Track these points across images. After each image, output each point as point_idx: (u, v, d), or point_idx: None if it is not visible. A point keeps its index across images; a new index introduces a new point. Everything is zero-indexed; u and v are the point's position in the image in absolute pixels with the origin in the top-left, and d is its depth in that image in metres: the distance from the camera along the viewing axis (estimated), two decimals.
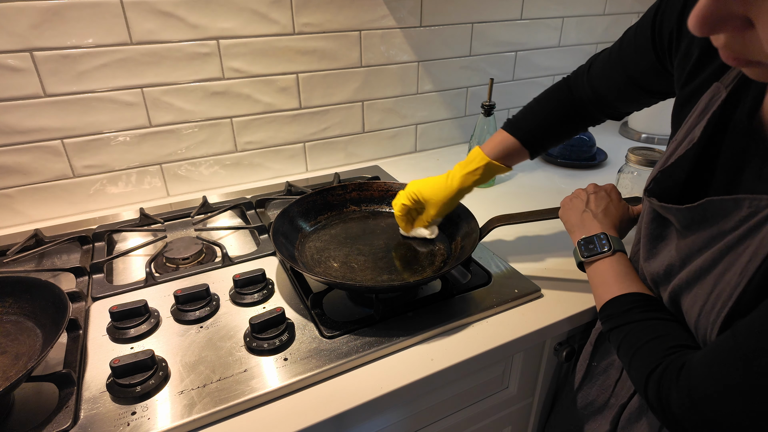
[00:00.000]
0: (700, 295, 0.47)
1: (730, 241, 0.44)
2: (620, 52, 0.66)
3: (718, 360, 0.41)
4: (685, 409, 0.43)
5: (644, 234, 0.57)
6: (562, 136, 0.78)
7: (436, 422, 0.74)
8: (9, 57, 0.83)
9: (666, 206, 0.51)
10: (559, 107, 0.75)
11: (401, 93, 1.22)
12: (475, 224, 0.78)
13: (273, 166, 1.15)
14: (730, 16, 0.27)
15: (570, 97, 0.75)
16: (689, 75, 0.53)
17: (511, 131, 0.76)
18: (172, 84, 0.97)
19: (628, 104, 0.71)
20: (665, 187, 0.54)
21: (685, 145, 0.50)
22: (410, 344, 0.65)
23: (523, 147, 0.76)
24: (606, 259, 0.62)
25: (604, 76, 0.70)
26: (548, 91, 0.78)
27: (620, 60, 0.66)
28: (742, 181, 0.46)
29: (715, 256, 0.45)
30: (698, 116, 0.50)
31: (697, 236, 0.48)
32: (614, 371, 0.65)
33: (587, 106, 0.74)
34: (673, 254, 0.52)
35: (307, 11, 1.03)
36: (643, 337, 0.51)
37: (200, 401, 0.56)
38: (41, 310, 0.64)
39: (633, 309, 0.55)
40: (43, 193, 0.96)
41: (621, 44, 0.67)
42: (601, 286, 0.61)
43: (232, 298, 0.73)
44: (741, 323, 0.40)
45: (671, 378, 0.45)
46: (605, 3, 1.40)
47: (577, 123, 0.77)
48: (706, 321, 0.46)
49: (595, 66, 0.71)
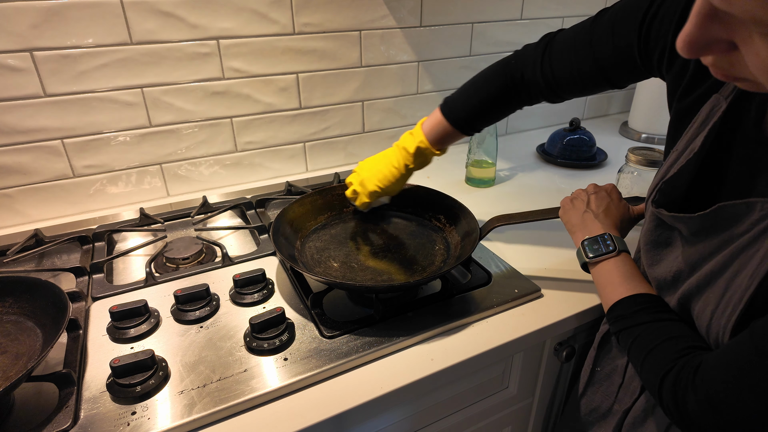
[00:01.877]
0: (711, 299, 0.47)
1: (741, 244, 0.44)
2: (592, 41, 0.63)
3: (736, 360, 0.41)
4: (702, 410, 0.43)
5: (647, 241, 0.57)
6: (497, 117, 0.79)
7: (436, 422, 0.74)
8: (9, 57, 0.83)
9: (677, 216, 0.51)
10: (498, 91, 0.74)
11: (401, 93, 1.22)
12: (475, 224, 0.78)
13: (273, 166, 1.15)
14: (715, 41, 0.28)
15: (513, 80, 0.72)
16: (687, 88, 0.53)
17: (446, 114, 0.77)
18: (172, 84, 0.97)
19: (584, 91, 0.69)
20: (669, 197, 0.54)
21: (687, 155, 0.51)
22: (410, 344, 0.65)
23: (456, 130, 0.77)
24: (611, 260, 0.62)
25: (567, 61, 0.66)
26: (487, 73, 0.76)
27: (591, 50, 0.63)
28: (755, 186, 0.46)
29: (725, 260, 0.45)
30: (698, 127, 0.51)
31: (707, 242, 0.48)
32: (617, 376, 0.65)
33: (531, 87, 0.72)
34: (680, 260, 0.52)
35: (307, 11, 1.03)
36: (655, 339, 0.51)
37: (200, 401, 0.56)
38: (41, 310, 0.64)
39: (643, 310, 0.54)
40: (43, 193, 0.96)
41: (592, 32, 0.63)
42: (607, 286, 0.61)
43: (232, 298, 0.73)
44: (758, 323, 0.40)
45: (687, 379, 0.45)
46: (605, 3, 1.40)
47: (513, 105, 0.76)
48: (717, 325, 0.46)
49: (556, 48, 0.68)
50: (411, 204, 0.90)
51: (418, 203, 0.89)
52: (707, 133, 0.49)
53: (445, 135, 0.78)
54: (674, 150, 0.54)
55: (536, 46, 0.71)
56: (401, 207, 0.90)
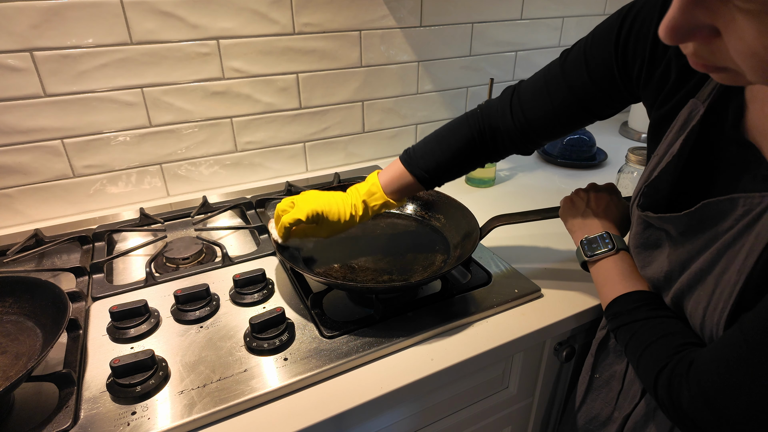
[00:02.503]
0: (702, 297, 0.47)
1: (727, 240, 0.45)
2: (565, 74, 0.61)
3: (727, 354, 0.41)
4: (696, 405, 0.43)
5: (636, 244, 0.58)
6: (463, 172, 0.73)
7: (436, 422, 0.74)
8: (9, 57, 0.83)
9: (663, 216, 0.51)
10: (465, 145, 0.69)
11: (401, 93, 1.22)
12: (475, 224, 0.78)
13: (273, 166, 1.15)
14: (698, 26, 0.28)
15: (480, 131, 0.68)
16: (665, 96, 0.53)
17: (409, 167, 0.70)
18: (172, 84, 0.97)
19: (561, 128, 0.65)
20: (653, 200, 0.55)
21: (667, 158, 0.52)
22: (410, 344, 0.65)
23: (419, 183, 0.71)
24: (610, 258, 0.62)
25: (540, 100, 0.63)
26: (452, 125, 0.71)
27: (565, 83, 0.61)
28: (738, 185, 0.47)
29: (713, 257, 0.46)
30: (677, 131, 0.51)
31: (695, 241, 0.49)
32: (616, 383, 0.65)
33: (499, 137, 0.68)
34: (671, 260, 0.52)
35: (307, 11, 1.03)
36: (651, 335, 0.51)
37: (200, 401, 0.56)
38: (41, 310, 0.64)
39: (640, 307, 0.55)
40: (43, 193, 0.96)
41: (564, 67, 0.61)
42: (606, 284, 0.61)
43: (232, 298, 0.73)
44: (747, 317, 0.40)
45: (681, 375, 0.45)
46: (605, 3, 1.40)
47: (481, 159, 0.71)
48: (710, 321, 0.46)
49: (524, 93, 0.65)
50: (411, 204, 0.90)
51: (418, 203, 0.89)
52: (686, 136, 0.50)
53: (404, 186, 0.71)
54: (654, 155, 0.55)
55: (500, 97, 0.68)
56: (401, 207, 0.90)
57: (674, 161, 0.51)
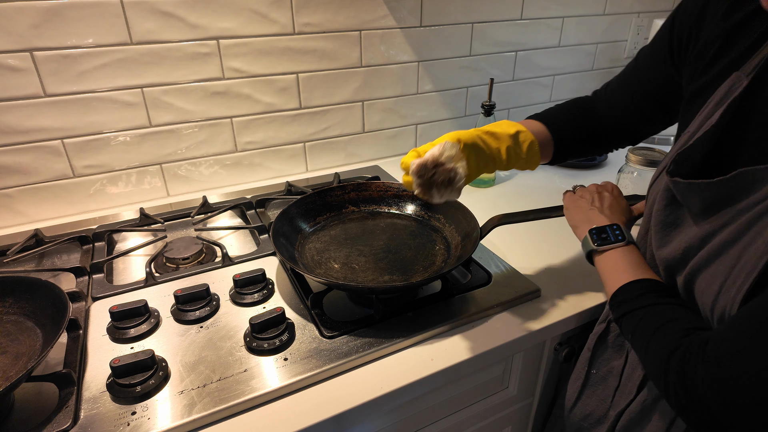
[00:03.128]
0: (720, 271, 0.46)
1: (759, 212, 0.44)
2: (637, 68, 0.70)
3: (746, 330, 0.40)
4: (711, 387, 0.41)
5: (658, 221, 0.57)
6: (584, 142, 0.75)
7: (437, 422, 0.74)
8: (9, 57, 0.83)
9: (694, 183, 0.50)
10: (581, 114, 0.75)
11: (401, 93, 1.22)
12: (475, 224, 0.78)
13: (273, 166, 1.15)
14: None
15: (591, 107, 0.76)
16: (706, 66, 0.55)
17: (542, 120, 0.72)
18: (172, 84, 0.97)
19: (642, 121, 0.72)
20: (684, 169, 0.54)
21: (705, 128, 0.51)
22: (410, 344, 0.65)
23: (551, 138, 0.71)
24: (618, 249, 0.61)
25: (619, 90, 0.73)
26: (568, 102, 0.78)
27: (637, 78, 0.70)
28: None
29: (741, 228, 0.45)
30: (716, 104, 0.51)
31: (720, 215, 0.48)
32: (613, 379, 0.65)
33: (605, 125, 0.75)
34: (690, 236, 0.51)
35: (307, 11, 1.03)
36: (659, 320, 0.50)
37: (200, 401, 0.56)
38: (41, 310, 0.64)
39: (646, 294, 0.54)
40: (43, 193, 0.96)
41: (637, 62, 0.70)
42: (612, 274, 0.60)
43: (232, 298, 0.73)
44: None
45: (696, 356, 0.43)
46: (605, 3, 1.40)
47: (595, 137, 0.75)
48: (726, 297, 0.45)
49: (612, 82, 0.74)
50: (411, 204, 0.90)
51: (418, 203, 0.89)
52: (726, 107, 0.49)
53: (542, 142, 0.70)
54: (686, 132, 0.54)
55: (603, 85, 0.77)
56: (401, 207, 0.91)
57: (711, 130, 0.51)
